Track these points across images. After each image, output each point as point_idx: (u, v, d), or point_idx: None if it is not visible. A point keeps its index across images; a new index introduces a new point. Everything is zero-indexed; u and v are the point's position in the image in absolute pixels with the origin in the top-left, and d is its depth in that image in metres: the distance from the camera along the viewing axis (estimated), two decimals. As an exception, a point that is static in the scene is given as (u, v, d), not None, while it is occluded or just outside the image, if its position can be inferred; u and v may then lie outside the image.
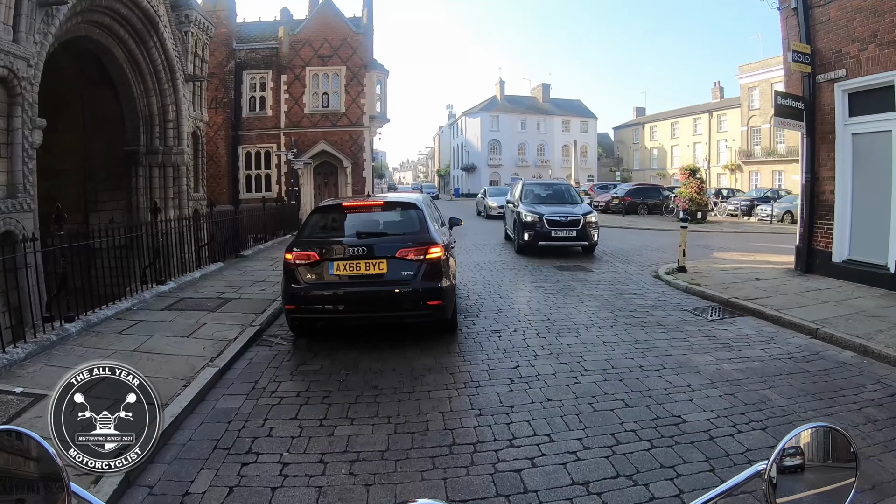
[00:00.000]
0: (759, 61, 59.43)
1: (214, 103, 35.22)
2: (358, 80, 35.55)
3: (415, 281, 8.19)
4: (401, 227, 9.01)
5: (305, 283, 8.33)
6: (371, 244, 8.34)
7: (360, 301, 8.38)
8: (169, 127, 21.17)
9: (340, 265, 8.24)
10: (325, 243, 8.57)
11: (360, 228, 8.88)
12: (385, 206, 9.73)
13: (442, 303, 8.39)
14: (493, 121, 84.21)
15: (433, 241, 8.46)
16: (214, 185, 34.79)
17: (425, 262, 8.22)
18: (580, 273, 14.99)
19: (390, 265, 8.21)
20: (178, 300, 11.51)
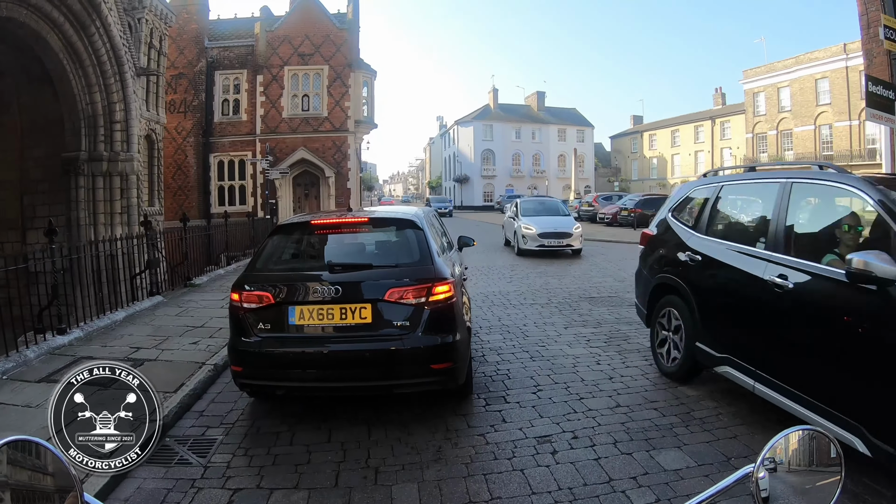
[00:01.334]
0: (764, 65, 57.74)
1: (184, 106, 32.02)
2: (342, 80, 31.99)
3: (413, 335, 5.69)
4: (393, 256, 6.57)
5: (257, 335, 5.83)
6: (349, 281, 5.82)
7: (334, 364, 5.84)
8: (116, 129, 17.93)
9: (305, 311, 5.76)
10: (284, 279, 6.10)
11: (336, 257, 6.51)
12: (372, 225, 6.96)
13: (452, 364, 5.85)
14: (487, 130, 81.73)
15: (439, 275, 5.92)
16: (183, 197, 31.53)
17: (428, 307, 5.72)
18: (625, 310, 11.63)
19: (377, 312, 5.73)
20: (74, 361, 8.14)
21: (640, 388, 6.93)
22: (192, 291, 13.93)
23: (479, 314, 11.12)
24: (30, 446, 1.28)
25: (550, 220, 21.71)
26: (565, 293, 13.41)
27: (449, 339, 5.81)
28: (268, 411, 6.49)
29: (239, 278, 6.21)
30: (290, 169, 31.37)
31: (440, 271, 5.99)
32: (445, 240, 8.15)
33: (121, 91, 17.87)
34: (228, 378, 7.19)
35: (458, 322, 5.99)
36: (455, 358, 5.89)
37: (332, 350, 5.83)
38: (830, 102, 50.01)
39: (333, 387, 6.09)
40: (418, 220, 6.56)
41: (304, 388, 6.23)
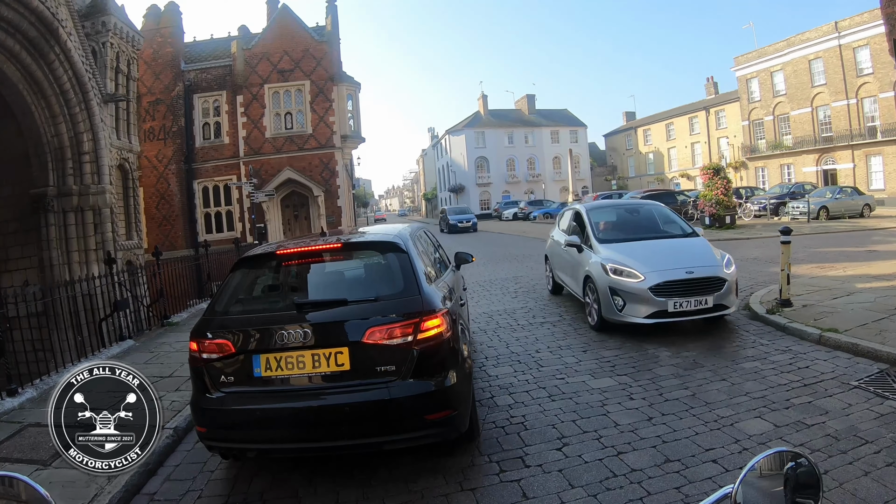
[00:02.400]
0: (755, 50, 56.79)
1: (163, 133, 30.78)
2: (325, 95, 30.64)
3: (401, 382, 4.76)
4: (373, 287, 5.53)
5: (220, 390, 4.90)
6: (321, 322, 4.90)
7: (309, 422, 4.85)
8: (85, 161, 16.80)
9: (272, 360, 4.82)
10: (246, 322, 5.14)
11: (306, 294, 5.63)
12: (347, 250, 5.91)
13: (452, 412, 4.92)
14: (479, 137, 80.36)
15: (428, 307, 4.98)
16: (168, 227, 30.30)
17: (417, 346, 4.79)
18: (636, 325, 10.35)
19: (356, 356, 4.78)
20: (18, 431, 7.00)
21: (689, 432, 5.66)
22: (168, 332, 12.66)
23: (484, 340, 9.90)
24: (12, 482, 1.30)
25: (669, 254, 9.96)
26: (577, 306, 12.14)
27: (445, 383, 4.91)
28: (229, 493, 5.22)
29: (197, 324, 5.30)
30: (277, 190, 29.98)
31: (429, 302, 5.08)
32: (438, 257, 7.38)
33: (87, 120, 16.70)
34: (190, 445, 6.26)
35: (454, 360, 5.10)
36: (454, 404, 4.98)
37: (305, 405, 4.84)
38: (826, 83, 48.95)
39: (310, 447, 5.12)
40: (402, 241, 5.62)
41: (278, 450, 5.24)
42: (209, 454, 5.74)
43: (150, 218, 29.80)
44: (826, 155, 49.59)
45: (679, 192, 42.65)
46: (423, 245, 6.61)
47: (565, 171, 74.18)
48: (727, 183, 31.15)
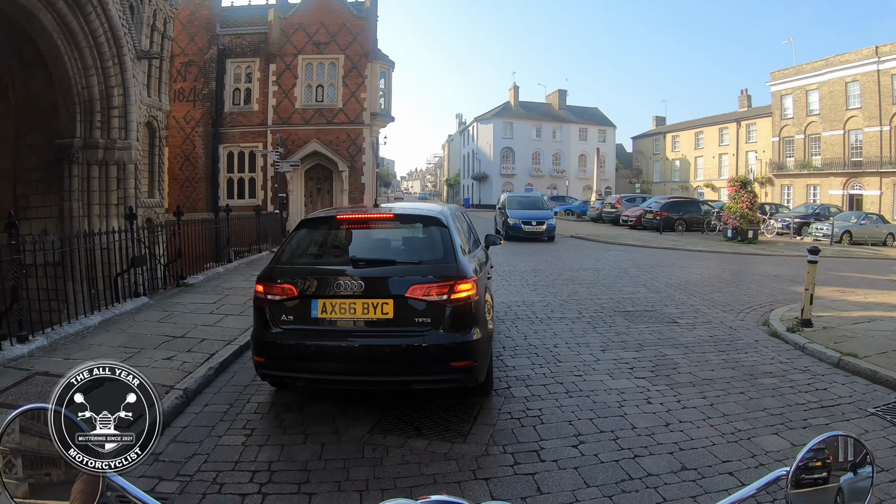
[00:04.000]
0: (792, 67, 55.71)
1: (193, 95, 30.67)
2: (358, 70, 30.39)
3: (434, 332, 5.73)
4: (417, 252, 6.69)
5: (280, 327, 5.91)
6: (373, 276, 5.89)
7: (354, 359, 5.88)
8: (113, 115, 16.60)
9: (328, 305, 5.80)
10: (309, 273, 6.20)
11: (360, 253, 6.54)
12: (397, 221, 7.36)
13: (473, 363, 5.86)
14: (507, 128, 79.67)
15: (462, 273, 5.94)
16: (190, 189, 30.25)
17: (450, 305, 5.77)
18: (667, 329, 10.24)
19: (399, 308, 5.77)
20: (26, 378, 7.00)
21: (705, 442, 5.53)
22: (183, 292, 12.62)
23: (502, 330, 9.77)
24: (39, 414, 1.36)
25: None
26: (597, 305, 12.00)
27: (470, 338, 5.78)
28: (236, 461, 5.15)
29: (264, 271, 6.23)
30: (302, 162, 29.73)
31: (463, 269, 5.97)
32: (472, 237, 8.15)
33: (119, 75, 16.57)
34: (199, 408, 6.33)
35: (479, 320, 5.99)
36: (475, 355, 5.84)
37: (353, 344, 5.85)
38: (861, 107, 48.11)
39: (352, 380, 6.12)
40: (443, 217, 6.56)
41: (324, 381, 6.21)
42: (217, 419, 6.04)
43: (172, 178, 29.67)
44: (854, 179, 48.88)
45: (703, 202, 42.23)
46: (459, 223, 7.34)
47: (590, 169, 73.64)
48: (753, 197, 30.79)
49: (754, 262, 22.08)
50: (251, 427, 5.84)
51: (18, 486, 1.38)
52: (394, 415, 6.10)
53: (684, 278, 16.58)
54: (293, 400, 6.58)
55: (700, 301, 13.07)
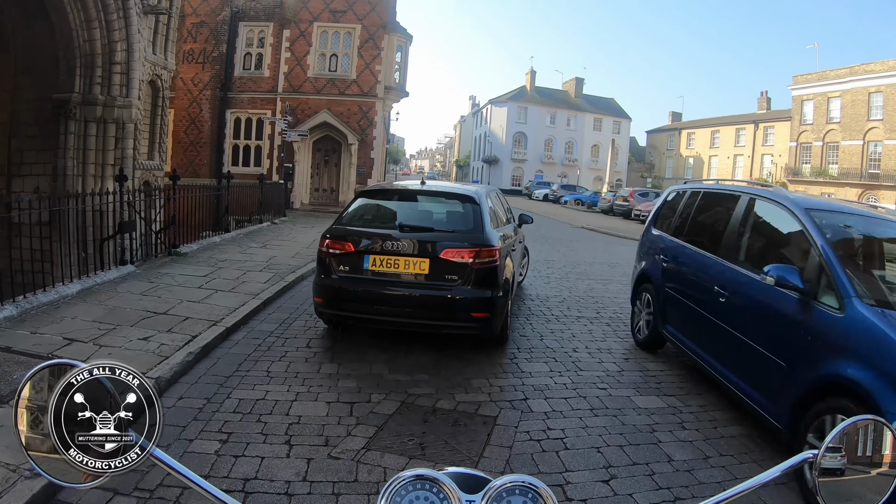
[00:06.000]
0: (816, 72, 54.69)
1: (202, 57, 29.59)
2: (374, 42, 29.13)
3: (459, 287, 7.04)
4: (452, 223, 7.96)
5: (337, 275, 7.33)
6: (414, 239, 7.14)
7: (395, 303, 7.22)
8: (115, 71, 15.72)
9: (377, 260, 7.19)
10: (363, 233, 7.50)
11: (406, 220, 7.64)
12: (438, 197, 8.78)
13: (489, 315, 7.12)
14: (521, 112, 78.50)
15: (487, 242, 7.22)
16: (194, 153, 29.27)
17: (474, 267, 7.03)
18: None
19: (433, 266, 7.07)
20: None
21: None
22: (174, 262, 11.83)
23: (516, 327, 8.97)
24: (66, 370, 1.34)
25: None
26: (616, 304, 11.16)
27: (488, 294, 7.01)
28: (205, 475, 4.31)
29: (328, 229, 7.59)
30: (311, 132, 28.68)
31: (488, 239, 7.22)
32: (507, 215, 9.84)
33: (123, 29, 15.68)
34: (171, 402, 5.61)
35: (498, 281, 7.17)
36: (492, 309, 7.07)
37: (395, 292, 7.17)
38: (883, 118, 47.34)
39: (392, 321, 7.37)
40: (477, 196, 7.86)
41: (368, 320, 7.58)
42: (190, 418, 5.34)
43: (177, 142, 28.81)
44: (870, 192, 48.12)
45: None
46: (493, 202, 8.78)
47: (603, 160, 72.84)
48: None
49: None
50: (228, 430, 5.02)
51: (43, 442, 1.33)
52: (394, 427, 5.28)
53: None
54: (280, 398, 5.78)
55: None
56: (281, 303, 9.72)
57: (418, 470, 1.27)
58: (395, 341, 7.72)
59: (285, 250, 14.47)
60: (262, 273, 11.36)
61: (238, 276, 10.78)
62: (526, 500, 1.24)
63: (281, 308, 9.35)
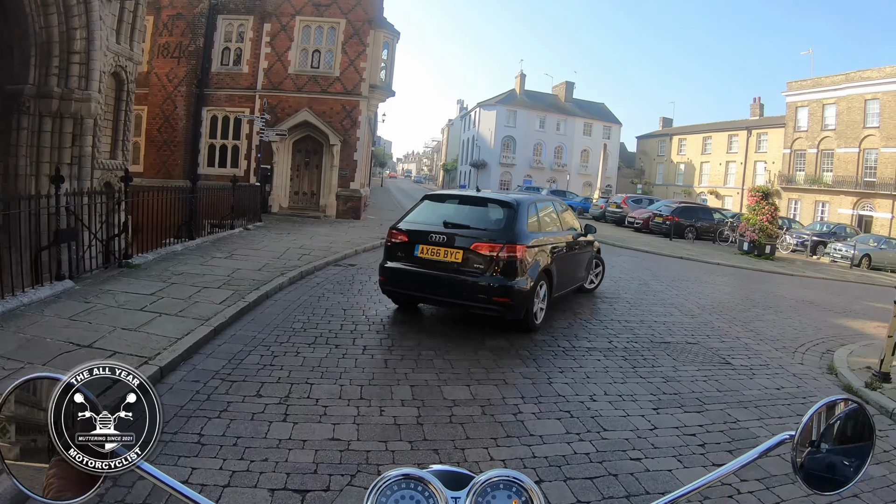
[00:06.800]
0: (811, 79, 53.82)
1: (178, 51, 27.91)
2: (360, 37, 27.42)
3: (484, 275, 8.57)
4: (487, 223, 9.19)
5: (395, 260, 9.23)
6: (453, 234, 8.79)
7: (435, 284, 8.86)
8: (73, 61, 14.23)
9: (424, 249, 8.87)
10: (416, 227, 9.21)
11: (451, 218, 9.28)
12: (481, 202, 9.79)
13: (508, 300, 8.51)
14: (510, 116, 77.01)
15: (512, 240, 8.60)
16: (168, 153, 27.53)
17: (497, 259, 8.50)
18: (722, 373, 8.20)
19: (465, 256, 8.62)
20: None
21: None
22: (122, 276, 10.36)
23: (514, 366, 7.61)
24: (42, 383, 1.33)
25: None
26: (628, 332, 9.78)
27: (508, 283, 8.46)
28: None
29: (395, 223, 9.56)
30: (291, 132, 27.02)
31: (515, 237, 8.68)
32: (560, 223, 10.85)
33: (84, 15, 14.17)
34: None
35: (518, 273, 8.53)
36: (511, 296, 8.49)
37: (437, 275, 8.80)
38: (879, 126, 46.42)
39: (433, 298, 9.41)
40: (516, 202, 9.28)
41: (417, 297, 9.62)
42: None
43: (150, 141, 27.25)
44: (865, 200, 47.27)
45: (715, 210, 40.12)
46: (542, 211, 10.15)
47: (593, 165, 72.07)
48: (775, 210, 28.73)
49: (779, 282, 20.00)
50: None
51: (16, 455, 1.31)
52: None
53: (715, 299, 14.52)
54: (208, 480, 4.27)
55: (743, 331, 11.08)
56: (236, 329, 8.25)
57: (404, 469, 1.27)
58: (363, 394, 6.25)
59: (252, 261, 12.97)
60: (219, 290, 9.88)
61: (191, 295, 9.29)
62: (510, 493, 1.25)
63: (235, 337, 7.85)
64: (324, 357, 7.23)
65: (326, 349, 7.61)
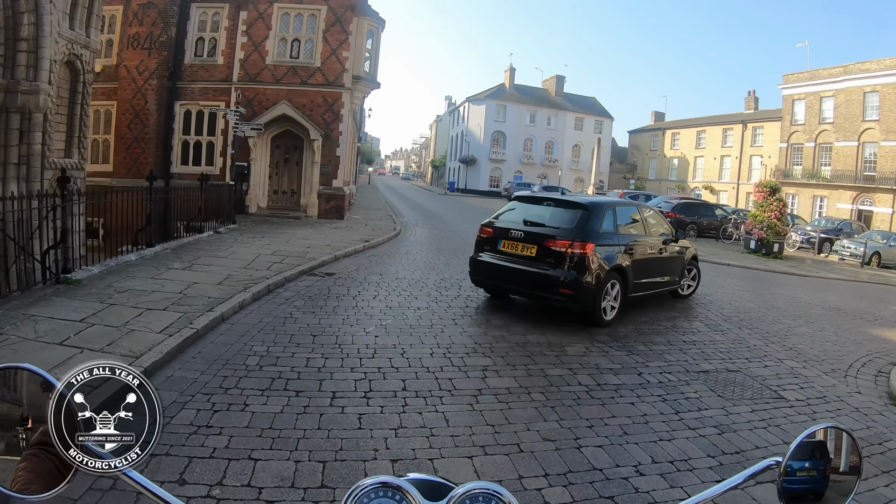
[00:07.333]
0: (808, 71, 52.92)
1: (149, 42, 26.06)
2: (342, 25, 25.69)
3: (553, 269, 9.51)
4: (563, 223, 10.02)
5: (483, 252, 10.57)
6: (530, 231, 9.93)
7: (513, 276, 9.96)
8: (20, 49, 12.80)
9: (506, 243, 10.09)
10: (502, 225, 10.48)
11: (531, 217, 10.40)
12: (561, 204, 10.66)
13: (573, 293, 9.38)
14: (500, 110, 75.57)
15: (583, 239, 9.48)
16: (138, 150, 25.64)
17: (566, 255, 9.44)
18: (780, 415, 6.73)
19: (539, 251, 9.67)
20: None
21: None
22: (56, 295, 8.78)
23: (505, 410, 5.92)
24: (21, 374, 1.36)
25: None
26: (660, 360, 8.23)
27: (573, 276, 9.36)
28: None
29: (485, 221, 10.91)
30: (268, 127, 25.41)
31: (586, 237, 9.54)
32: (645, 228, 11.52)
33: None
34: None
35: (584, 269, 9.40)
36: (575, 289, 9.37)
37: (513, 267, 9.91)
38: (879, 119, 45.51)
39: (511, 288, 10.61)
40: (591, 205, 10.34)
41: (498, 287, 10.88)
42: None
43: (119, 138, 25.35)
44: (865, 195, 46.31)
45: (717, 206, 38.84)
46: (618, 213, 10.86)
47: (584, 160, 71.28)
48: (783, 206, 27.29)
49: (796, 285, 18.57)
50: None
51: None
52: None
53: (738, 307, 13.08)
54: None
55: (781, 349, 9.78)
56: (174, 368, 6.54)
57: (381, 477, 1.25)
58: (324, 478, 4.64)
59: (214, 273, 11.29)
60: (165, 313, 8.15)
61: (129, 321, 7.61)
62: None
63: (169, 381, 6.14)
64: (278, 412, 5.44)
65: (283, 398, 5.79)
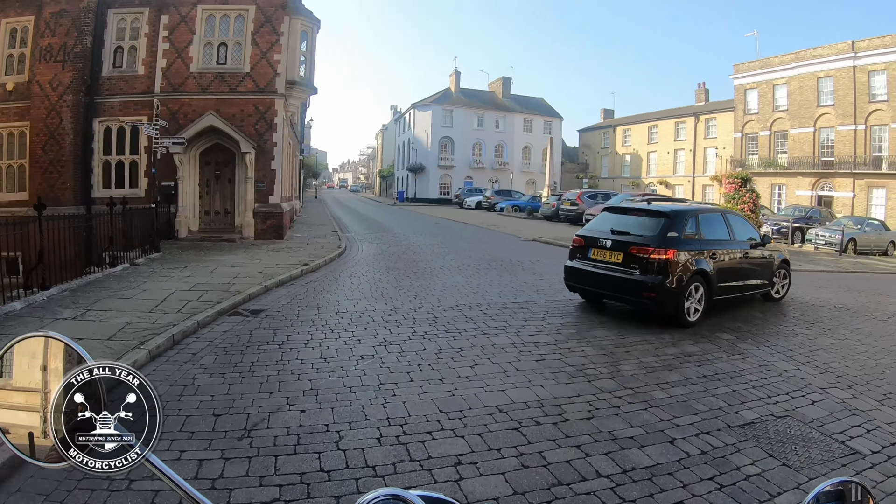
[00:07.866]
0: (758, 60, 52.98)
1: (62, 54, 23.49)
2: (272, 26, 23.48)
3: (636, 274, 10.02)
4: (646, 230, 10.51)
5: (575, 259, 11.23)
6: (616, 239, 10.46)
7: (601, 280, 10.53)
8: None
9: (595, 251, 10.70)
10: (591, 234, 11.09)
11: (617, 226, 10.93)
12: (645, 213, 11.15)
13: (655, 296, 9.86)
14: (447, 115, 73.74)
15: (662, 245, 9.93)
16: (55, 175, 22.96)
17: (649, 260, 9.88)
18: None
19: (624, 258, 10.19)
20: None
21: None
22: None
23: None
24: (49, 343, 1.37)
25: None
26: (687, 412, 6.25)
27: (656, 280, 9.81)
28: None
29: (578, 231, 11.69)
30: (195, 141, 23.04)
31: (666, 244, 9.97)
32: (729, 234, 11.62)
33: None
34: None
35: (665, 272, 9.81)
36: (657, 292, 9.81)
37: (602, 273, 10.49)
38: (834, 104, 45.45)
39: (599, 292, 11.03)
40: (672, 212, 10.77)
41: (588, 291, 11.37)
42: None
43: (34, 161, 22.65)
44: (824, 180, 46.20)
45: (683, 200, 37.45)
46: (701, 219, 11.21)
47: (535, 162, 70.45)
48: (756, 197, 25.82)
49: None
50: None
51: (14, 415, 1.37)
52: None
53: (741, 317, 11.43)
54: None
55: (816, 372, 8.03)
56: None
57: (392, 489, 1.25)
58: None
59: (108, 323, 8.75)
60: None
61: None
62: None
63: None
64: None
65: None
